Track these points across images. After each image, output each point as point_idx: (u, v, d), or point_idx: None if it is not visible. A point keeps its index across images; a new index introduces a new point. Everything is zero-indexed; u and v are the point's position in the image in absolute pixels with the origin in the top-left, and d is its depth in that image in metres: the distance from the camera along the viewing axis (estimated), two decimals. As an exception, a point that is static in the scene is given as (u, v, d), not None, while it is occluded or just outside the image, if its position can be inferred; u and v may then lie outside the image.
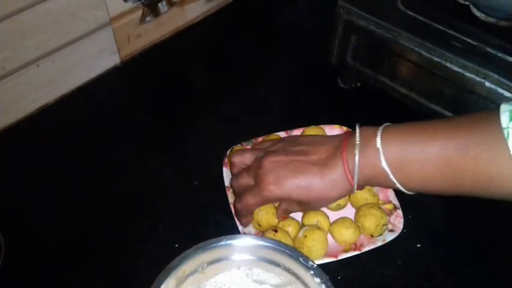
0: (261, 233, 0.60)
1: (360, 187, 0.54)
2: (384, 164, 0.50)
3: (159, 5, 0.84)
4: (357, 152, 0.51)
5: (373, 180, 0.53)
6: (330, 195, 0.55)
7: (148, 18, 0.83)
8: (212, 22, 0.93)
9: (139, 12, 0.81)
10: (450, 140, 0.47)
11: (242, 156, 0.59)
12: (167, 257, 0.53)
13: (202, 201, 0.65)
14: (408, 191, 0.52)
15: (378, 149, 0.50)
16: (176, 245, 0.60)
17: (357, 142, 0.51)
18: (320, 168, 0.53)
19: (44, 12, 0.68)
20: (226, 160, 0.66)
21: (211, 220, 0.63)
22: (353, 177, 0.52)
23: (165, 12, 0.85)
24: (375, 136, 0.51)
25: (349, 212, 0.63)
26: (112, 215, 0.64)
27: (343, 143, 0.53)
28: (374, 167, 0.51)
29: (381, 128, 0.51)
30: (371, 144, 0.51)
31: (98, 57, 0.80)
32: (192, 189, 0.67)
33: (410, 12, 0.69)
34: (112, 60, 0.82)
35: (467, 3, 0.69)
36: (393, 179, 0.50)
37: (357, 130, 0.52)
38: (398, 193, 0.63)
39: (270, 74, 0.85)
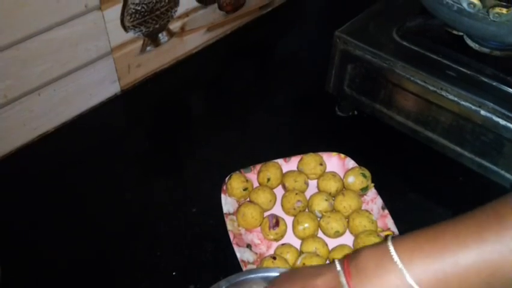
0: (259, 262, 0.60)
1: None
2: (414, 286, 0.39)
3: (159, 35, 0.85)
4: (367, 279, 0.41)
5: None
6: None
7: (148, 48, 0.85)
8: (211, 52, 0.95)
9: (140, 42, 0.83)
10: (484, 244, 0.38)
11: None
12: (164, 284, 0.53)
13: (200, 228, 0.65)
14: None
15: (400, 270, 0.39)
16: (174, 273, 0.60)
17: (365, 266, 0.41)
18: None
19: (46, 42, 0.69)
20: (224, 187, 0.66)
21: (210, 247, 0.63)
22: None
23: (165, 42, 0.87)
24: (387, 253, 0.41)
25: (348, 239, 0.63)
26: (110, 241, 0.64)
27: (345, 270, 0.43)
28: None
29: (390, 243, 0.42)
30: (386, 265, 0.40)
31: (99, 86, 0.81)
32: (191, 216, 0.67)
33: (405, 43, 0.71)
34: (112, 89, 0.83)
35: (461, 34, 0.71)
36: None
37: (363, 252, 0.43)
38: (396, 220, 0.63)
39: (269, 102, 0.86)
